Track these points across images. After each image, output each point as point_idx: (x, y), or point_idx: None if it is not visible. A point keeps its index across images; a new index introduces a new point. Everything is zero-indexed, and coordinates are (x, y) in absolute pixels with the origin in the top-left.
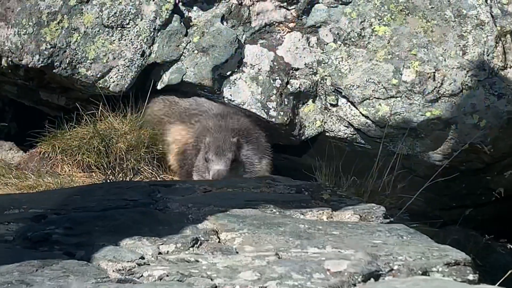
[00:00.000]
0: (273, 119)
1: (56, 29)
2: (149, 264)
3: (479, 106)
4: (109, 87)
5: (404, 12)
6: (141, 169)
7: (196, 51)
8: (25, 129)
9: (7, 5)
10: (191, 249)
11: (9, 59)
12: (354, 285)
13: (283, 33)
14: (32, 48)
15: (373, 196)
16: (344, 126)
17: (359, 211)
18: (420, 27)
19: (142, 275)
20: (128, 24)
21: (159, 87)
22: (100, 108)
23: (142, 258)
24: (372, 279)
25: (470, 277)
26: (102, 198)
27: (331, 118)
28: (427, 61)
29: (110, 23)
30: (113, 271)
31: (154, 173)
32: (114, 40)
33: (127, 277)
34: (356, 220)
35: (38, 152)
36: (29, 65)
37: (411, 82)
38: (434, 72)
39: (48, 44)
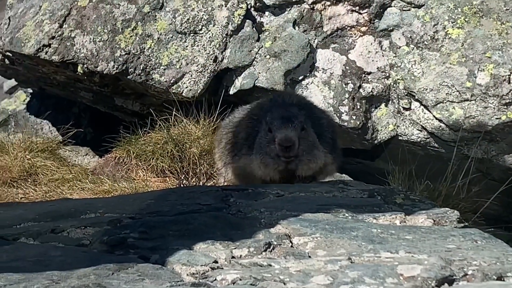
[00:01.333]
0: (346, 123)
1: (131, 36)
2: (222, 268)
3: None
4: (182, 92)
5: (478, 15)
6: (214, 173)
7: (268, 56)
8: (101, 135)
9: (83, 13)
10: (263, 253)
11: (85, 66)
12: None
13: (355, 37)
14: (107, 55)
15: (447, 200)
16: (418, 130)
17: (432, 216)
18: (494, 30)
19: (215, 279)
20: (200, 30)
21: (231, 92)
22: (174, 113)
23: (216, 262)
24: (446, 284)
25: None
26: (175, 203)
27: (404, 122)
28: (502, 64)
29: (183, 29)
30: (187, 274)
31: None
32: (187, 46)
33: (201, 280)
34: (429, 224)
35: (113, 157)
36: (104, 72)
37: (486, 85)
38: (510, 75)
39: (122, 51)
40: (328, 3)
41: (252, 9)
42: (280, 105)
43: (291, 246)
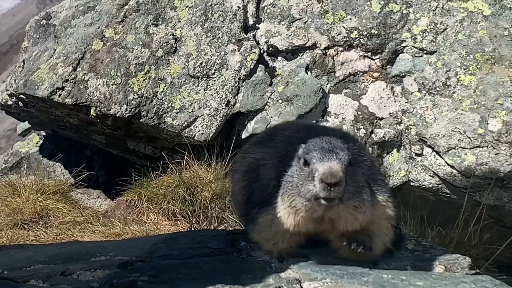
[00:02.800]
0: None
1: (144, 80)
2: None
3: None
4: (194, 136)
5: (490, 61)
6: (226, 217)
7: (280, 101)
8: (112, 177)
9: (97, 56)
10: None
11: (98, 108)
12: None
13: (367, 82)
14: (120, 98)
15: (459, 247)
16: (429, 175)
17: (444, 262)
18: (506, 76)
19: None
20: (213, 74)
21: (243, 136)
22: (186, 157)
23: None
24: None
25: None
26: (186, 246)
27: (416, 167)
28: None
29: (196, 73)
30: None
31: (238, 221)
32: (199, 90)
33: None
34: (441, 270)
35: (125, 200)
36: (117, 115)
37: (498, 132)
38: None
39: (135, 94)
40: (341, 48)
41: (265, 53)
42: (317, 135)
43: None
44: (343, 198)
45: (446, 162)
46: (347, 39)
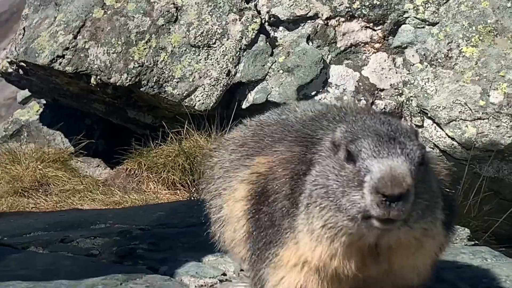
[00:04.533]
0: None
1: (144, 48)
2: (231, 281)
3: None
4: (194, 105)
5: (492, 33)
6: None
7: (281, 71)
8: (112, 146)
9: (97, 24)
10: None
11: (98, 77)
12: None
13: (369, 53)
14: (120, 66)
15: (458, 218)
16: (430, 147)
17: None
18: (509, 48)
19: None
20: (214, 43)
21: (244, 106)
22: (186, 126)
23: (224, 274)
24: None
25: None
26: (185, 215)
27: None
28: None
29: (197, 43)
30: (196, 286)
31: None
32: (200, 60)
33: None
34: None
35: (125, 169)
36: (117, 84)
37: (499, 104)
38: None
39: (136, 63)
40: (343, 19)
41: (266, 23)
42: (368, 118)
43: None
44: (410, 219)
45: (446, 134)
46: (349, 9)
